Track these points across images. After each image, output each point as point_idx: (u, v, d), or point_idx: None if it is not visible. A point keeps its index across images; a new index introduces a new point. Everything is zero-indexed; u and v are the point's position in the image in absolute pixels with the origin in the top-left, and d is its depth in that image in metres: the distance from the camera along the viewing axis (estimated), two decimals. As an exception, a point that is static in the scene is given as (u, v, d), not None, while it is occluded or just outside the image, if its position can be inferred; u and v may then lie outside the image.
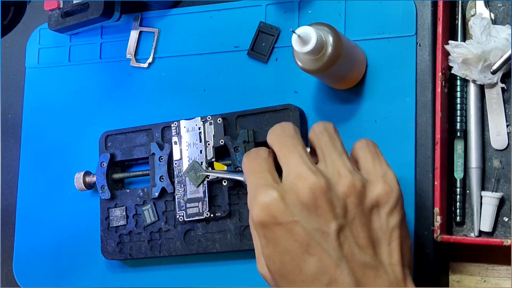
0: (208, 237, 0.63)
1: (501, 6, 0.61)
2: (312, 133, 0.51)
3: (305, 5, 0.65)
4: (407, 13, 0.61)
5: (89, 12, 0.70)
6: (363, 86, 0.62)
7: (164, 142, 0.66)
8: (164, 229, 0.65)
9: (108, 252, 0.67)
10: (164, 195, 0.65)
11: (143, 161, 0.68)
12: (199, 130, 0.64)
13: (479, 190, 0.59)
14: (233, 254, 0.64)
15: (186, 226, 0.64)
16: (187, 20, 0.70)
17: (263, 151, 0.50)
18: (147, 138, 0.67)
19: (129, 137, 0.68)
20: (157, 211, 0.65)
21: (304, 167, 0.46)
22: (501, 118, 0.59)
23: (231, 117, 0.64)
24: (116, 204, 0.67)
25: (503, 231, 0.58)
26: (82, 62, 0.74)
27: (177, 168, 0.64)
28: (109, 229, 0.67)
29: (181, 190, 0.64)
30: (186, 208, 0.63)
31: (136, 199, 0.66)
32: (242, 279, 0.64)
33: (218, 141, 0.63)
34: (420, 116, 0.60)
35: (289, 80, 0.65)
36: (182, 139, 0.64)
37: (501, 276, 0.59)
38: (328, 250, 0.45)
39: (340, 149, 0.49)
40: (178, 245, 0.64)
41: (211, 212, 0.63)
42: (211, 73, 0.68)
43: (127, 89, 0.71)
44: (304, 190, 0.45)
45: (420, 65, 0.60)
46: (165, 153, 0.65)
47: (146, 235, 0.65)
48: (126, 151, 0.67)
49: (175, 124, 0.65)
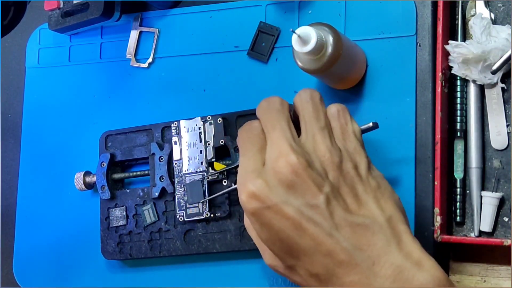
0: (208, 237, 0.63)
1: (501, 6, 0.61)
2: (297, 99, 0.52)
3: (305, 5, 0.65)
4: (407, 13, 0.61)
5: (89, 12, 0.70)
6: (363, 86, 0.62)
7: (164, 142, 0.66)
8: (164, 229, 0.65)
9: (108, 252, 0.67)
10: (164, 195, 0.65)
11: (143, 161, 0.68)
12: (199, 130, 0.64)
13: (479, 190, 0.59)
14: (233, 254, 0.64)
15: (186, 226, 0.64)
16: (187, 20, 0.70)
17: (257, 123, 0.51)
18: (147, 138, 0.67)
19: (129, 137, 0.68)
20: (157, 211, 0.65)
21: (285, 144, 0.48)
22: (501, 118, 0.59)
23: (231, 117, 0.64)
24: (116, 204, 0.67)
25: (503, 231, 0.58)
26: (82, 62, 0.74)
27: (177, 168, 0.64)
28: (109, 229, 0.67)
29: (181, 190, 0.64)
30: (186, 208, 0.63)
31: (136, 199, 0.66)
32: (242, 279, 0.64)
33: (218, 141, 0.63)
34: (420, 116, 0.60)
35: (289, 80, 0.65)
36: (182, 139, 0.64)
37: (501, 276, 0.59)
38: (320, 222, 0.46)
39: (323, 122, 0.51)
40: (178, 245, 0.64)
41: (211, 212, 0.63)
42: (211, 73, 0.68)
43: (127, 89, 0.71)
44: (286, 170, 0.47)
45: (420, 65, 0.60)
46: (165, 153, 0.65)
47: (146, 235, 0.65)
48: (126, 151, 0.67)
49: (175, 124, 0.65)
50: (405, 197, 0.50)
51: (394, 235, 0.47)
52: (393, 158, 0.60)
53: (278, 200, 0.46)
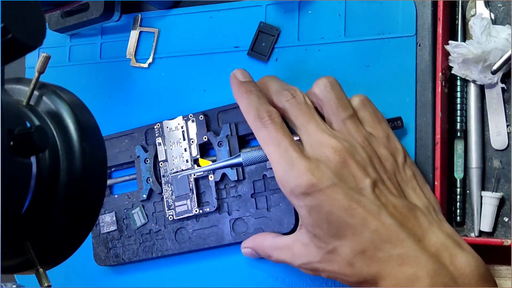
0: (199, 234, 0.63)
1: (501, 6, 0.61)
2: (317, 90, 0.54)
3: (305, 5, 0.65)
4: (407, 13, 0.61)
5: (89, 12, 0.70)
6: (363, 86, 0.62)
7: (149, 144, 0.66)
8: (154, 230, 0.65)
9: (100, 258, 0.67)
10: (152, 196, 0.65)
11: (127, 166, 0.68)
12: (182, 129, 0.64)
13: (479, 190, 0.59)
14: (226, 249, 0.64)
15: (176, 225, 0.64)
16: (187, 20, 0.70)
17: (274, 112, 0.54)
18: (131, 142, 0.67)
19: (113, 143, 0.68)
20: (146, 213, 0.65)
21: (324, 135, 0.51)
22: (501, 118, 0.59)
23: (212, 114, 0.64)
24: (106, 210, 0.67)
25: (503, 231, 0.58)
26: (82, 62, 0.74)
27: (163, 168, 0.64)
28: (100, 236, 0.67)
29: (168, 190, 0.64)
30: (175, 207, 0.64)
31: (125, 203, 0.67)
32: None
33: (201, 138, 0.63)
34: (420, 116, 0.60)
35: (289, 80, 0.64)
36: (165, 139, 0.64)
37: (501, 276, 0.59)
38: (368, 204, 0.49)
39: (351, 110, 0.53)
40: (169, 245, 0.64)
41: (199, 208, 0.63)
42: (211, 73, 0.68)
43: (127, 89, 0.71)
44: (333, 156, 0.49)
45: (420, 65, 0.60)
46: (150, 154, 0.65)
47: (137, 238, 0.66)
48: (111, 157, 0.67)
49: (158, 125, 0.65)
50: (405, 197, 0.51)
51: (435, 218, 0.50)
52: (393, 158, 0.60)
53: (330, 183, 0.48)
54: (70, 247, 0.41)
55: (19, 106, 0.41)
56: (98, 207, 0.41)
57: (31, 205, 0.39)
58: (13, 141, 0.35)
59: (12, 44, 0.36)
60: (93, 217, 0.41)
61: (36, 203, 0.39)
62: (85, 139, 0.40)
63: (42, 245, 0.40)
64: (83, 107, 0.43)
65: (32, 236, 0.39)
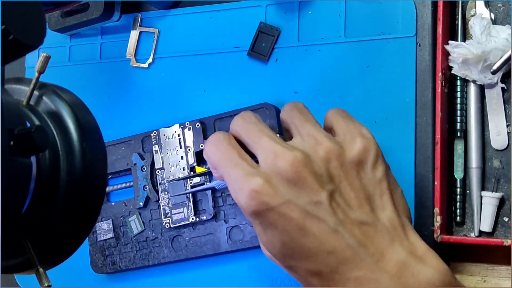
0: (196, 242, 0.63)
1: (501, 6, 0.61)
2: (283, 113, 0.52)
3: (305, 6, 0.65)
4: (407, 13, 0.61)
5: (89, 12, 0.70)
6: (363, 86, 0.62)
7: (145, 152, 0.66)
8: (151, 238, 0.65)
9: (97, 266, 0.67)
10: (149, 204, 0.65)
11: (124, 173, 0.68)
12: (178, 137, 0.64)
13: (479, 190, 0.59)
14: (223, 257, 0.64)
15: (173, 233, 0.64)
16: (187, 20, 0.70)
17: (222, 134, 0.50)
18: (128, 150, 0.67)
19: (109, 150, 0.68)
20: (142, 221, 0.65)
21: (278, 146, 0.47)
22: (501, 118, 0.59)
23: (209, 121, 0.64)
24: (102, 218, 0.67)
25: (503, 231, 0.58)
26: (82, 62, 0.74)
27: (160, 176, 0.64)
28: (97, 243, 0.67)
29: (165, 198, 0.64)
30: (171, 215, 0.64)
31: (122, 210, 0.67)
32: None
33: (198, 146, 0.63)
34: (420, 116, 0.60)
35: (289, 80, 0.65)
36: (162, 147, 0.65)
37: (501, 276, 0.59)
38: (324, 219, 0.45)
39: (313, 120, 0.50)
40: (166, 253, 0.64)
41: (196, 216, 0.63)
42: (211, 73, 0.68)
43: (127, 89, 0.71)
44: (286, 168, 0.45)
45: (420, 65, 0.60)
46: (147, 162, 0.65)
47: (134, 245, 0.66)
48: (108, 164, 0.67)
49: (155, 133, 0.65)
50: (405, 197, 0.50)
51: (398, 232, 0.47)
52: (393, 158, 0.60)
53: (281, 200, 0.45)
54: (70, 247, 0.41)
55: (19, 106, 0.41)
56: (98, 207, 0.41)
57: (31, 205, 0.39)
58: (13, 141, 0.35)
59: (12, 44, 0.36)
60: (93, 217, 0.41)
61: (36, 203, 0.39)
62: (85, 139, 0.40)
63: (42, 245, 0.39)
64: (83, 107, 0.43)
65: (32, 236, 0.39)
